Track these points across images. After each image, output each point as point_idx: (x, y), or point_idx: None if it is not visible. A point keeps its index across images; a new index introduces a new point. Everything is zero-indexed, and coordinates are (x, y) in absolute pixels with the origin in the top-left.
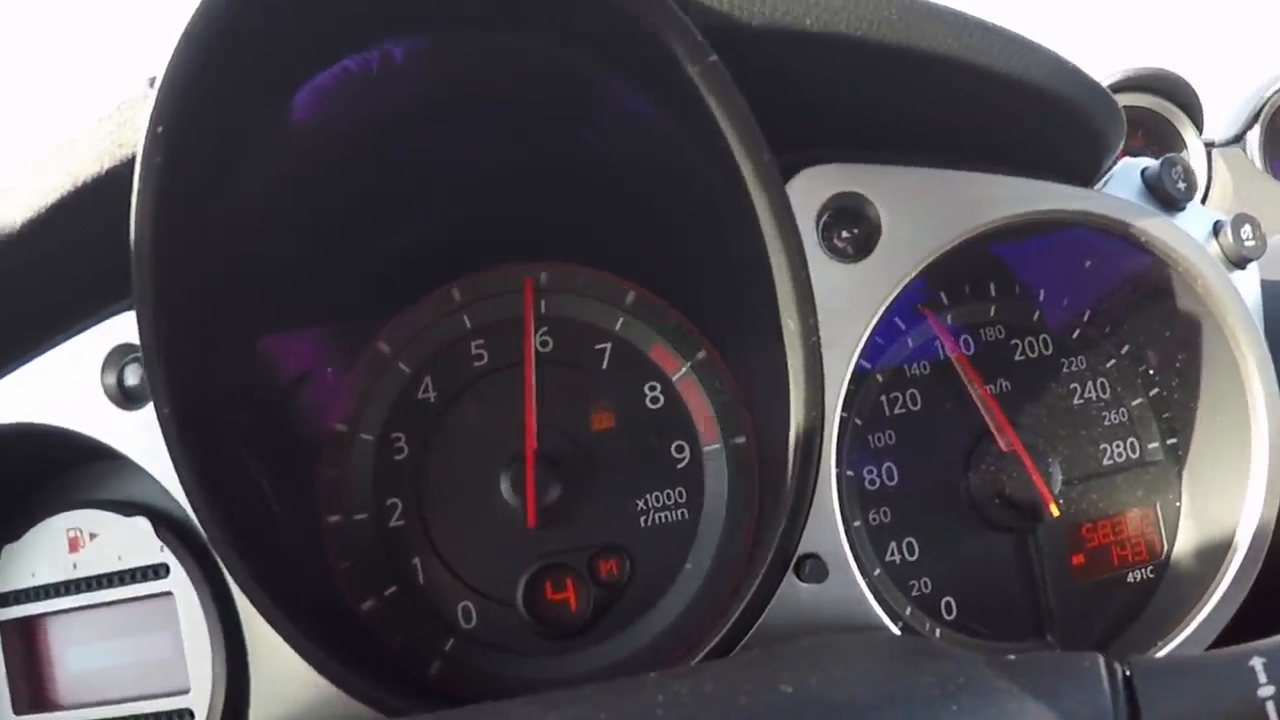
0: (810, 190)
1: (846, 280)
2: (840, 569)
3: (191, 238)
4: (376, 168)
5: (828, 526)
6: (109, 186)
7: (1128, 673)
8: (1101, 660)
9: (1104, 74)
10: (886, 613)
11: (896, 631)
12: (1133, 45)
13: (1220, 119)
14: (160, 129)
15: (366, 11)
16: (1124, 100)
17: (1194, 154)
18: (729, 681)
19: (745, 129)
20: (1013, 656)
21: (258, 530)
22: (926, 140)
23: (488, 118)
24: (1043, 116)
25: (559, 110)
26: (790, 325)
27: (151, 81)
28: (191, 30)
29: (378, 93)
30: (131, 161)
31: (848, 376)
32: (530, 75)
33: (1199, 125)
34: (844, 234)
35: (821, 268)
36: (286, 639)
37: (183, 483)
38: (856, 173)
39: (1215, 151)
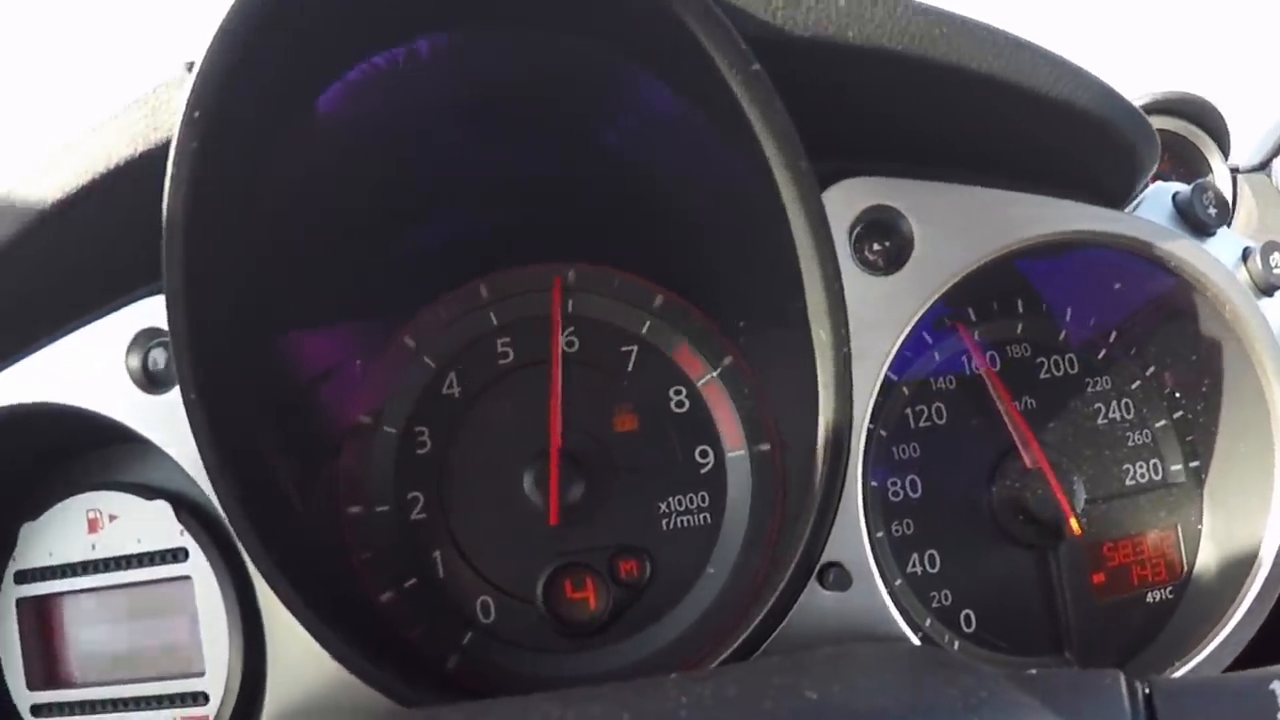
0: (845, 202)
1: (876, 293)
2: (863, 578)
3: (222, 225)
4: (404, 164)
5: (852, 536)
6: (142, 169)
7: (1148, 691)
8: (1123, 678)
9: (1132, 97)
10: (907, 624)
11: (917, 642)
12: (1159, 69)
13: (1246, 145)
14: (197, 114)
15: (402, 5)
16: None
17: (1219, 179)
18: (752, 686)
19: (785, 139)
20: (1034, 672)
21: (279, 518)
22: (961, 156)
23: (516, 116)
24: (1081, 139)
25: (589, 109)
26: (822, 336)
27: (189, 66)
28: (231, 18)
29: (406, 89)
30: (165, 145)
31: (876, 389)
32: (561, 75)
33: (1225, 150)
34: (875, 246)
35: (852, 279)
36: (306, 626)
37: (207, 467)
38: (891, 186)
39: (1240, 177)
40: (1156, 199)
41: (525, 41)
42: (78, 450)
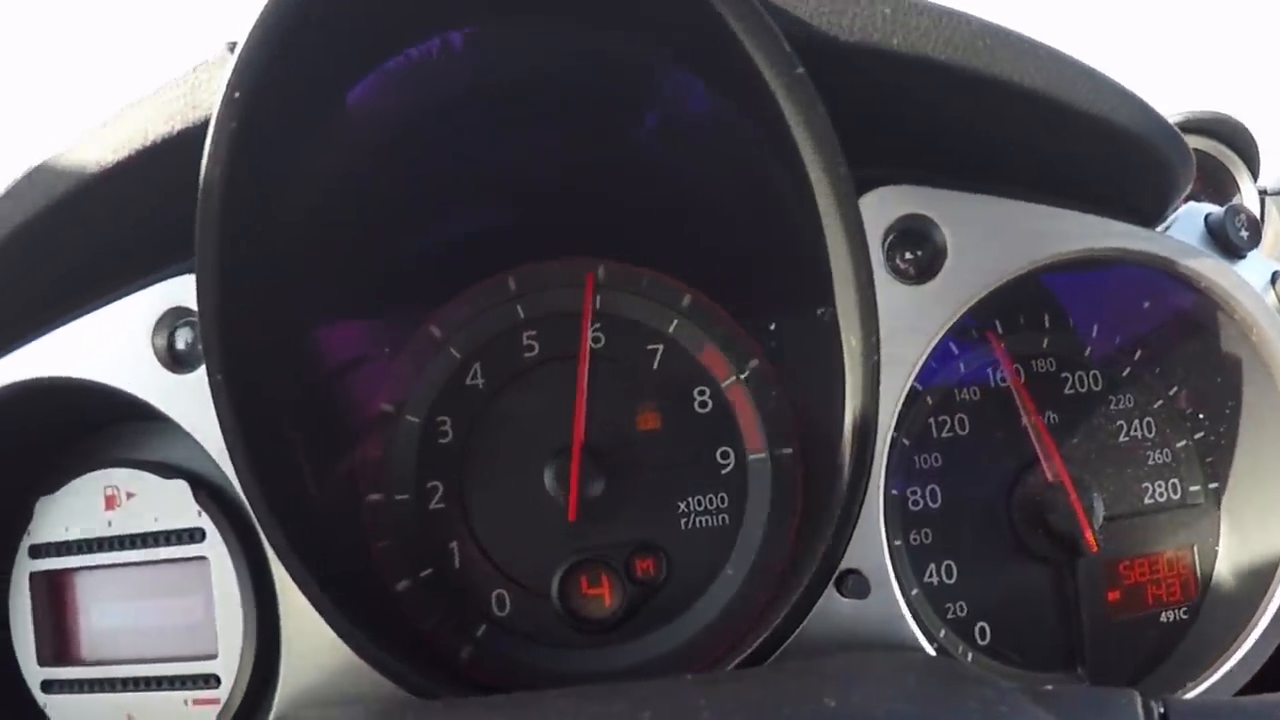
0: (879, 209)
1: (907, 301)
2: (881, 587)
3: (257, 207)
4: (435, 156)
5: (872, 544)
6: (179, 147)
7: (1163, 711)
8: (1139, 698)
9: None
10: (922, 634)
11: (931, 653)
12: (1187, 88)
13: (1274, 167)
14: (237, 94)
15: None
16: None
17: (1248, 199)
18: (771, 691)
19: (825, 145)
20: (1050, 688)
21: (298, 502)
22: (998, 168)
23: (549, 111)
24: (1120, 157)
25: (624, 106)
26: (852, 343)
27: (231, 46)
28: (275, 1)
29: (439, 81)
30: (204, 125)
31: (902, 397)
32: (597, 70)
33: (1255, 172)
34: (907, 255)
35: (883, 287)
36: (320, 611)
37: (229, 449)
38: (926, 195)
39: (1269, 199)
40: (1189, 219)
41: (561, 36)
42: (98, 426)
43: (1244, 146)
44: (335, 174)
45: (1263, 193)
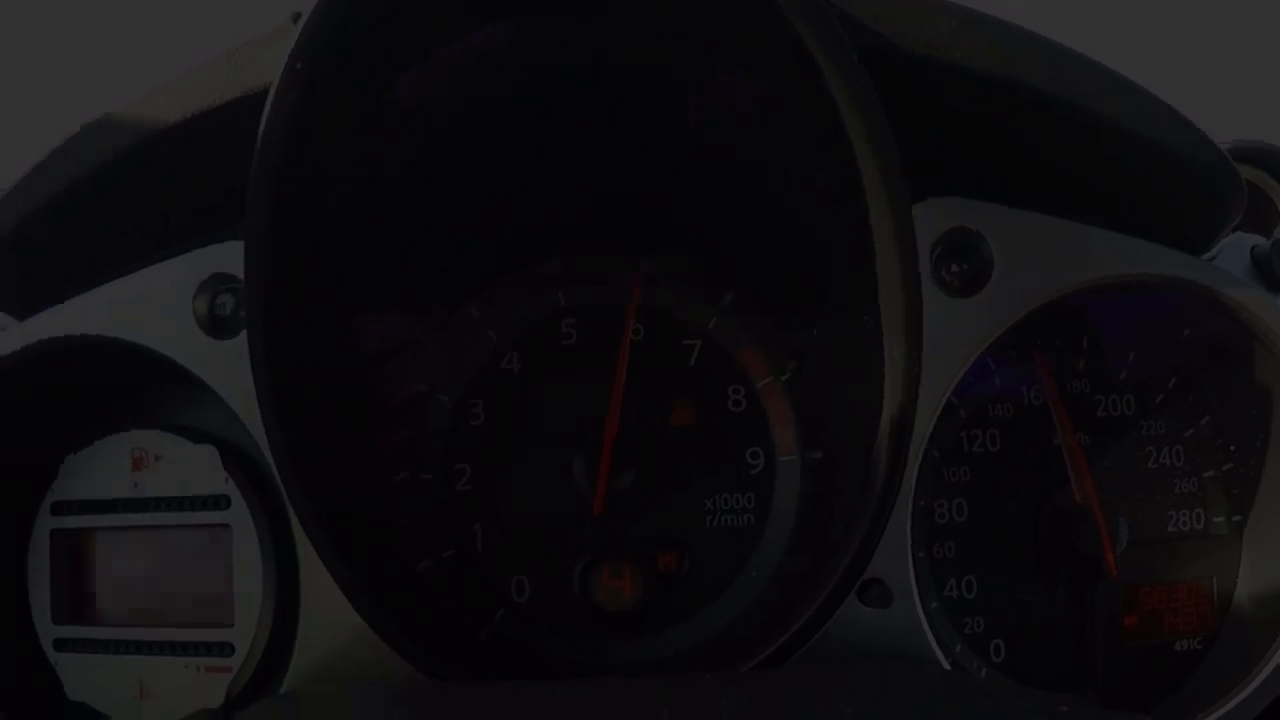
0: (929, 220)
1: (950, 314)
2: (904, 598)
3: (309, 178)
4: (484, 145)
5: (897, 555)
6: (237, 115)
7: None
8: None
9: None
10: (939, 647)
11: (947, 667)
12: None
13: None
14: (299, 66)
15: None
16: None
17: None
18: (791, 694)
19: (885, 154)
20: (1065, 709)
21: (327, 474)
22: (1049, 187)
23: (603, 105)
24: (1174, 184)
25: (677, 103)
26: (895, 353)
27: (295, 17)
28: None
29: (490, 70)
30: (263, 93)
31: (939, 410)
32: (651, 66)
33: None
34: (954, 267)
35: (928, 299)
36: (341, 585)
37: (264, 417)
38: (976, 209)
39: None
40: (1235, 250)
41: (615, 32)
42: (129, 387)
43: None
44: (386, 156)
45: None
